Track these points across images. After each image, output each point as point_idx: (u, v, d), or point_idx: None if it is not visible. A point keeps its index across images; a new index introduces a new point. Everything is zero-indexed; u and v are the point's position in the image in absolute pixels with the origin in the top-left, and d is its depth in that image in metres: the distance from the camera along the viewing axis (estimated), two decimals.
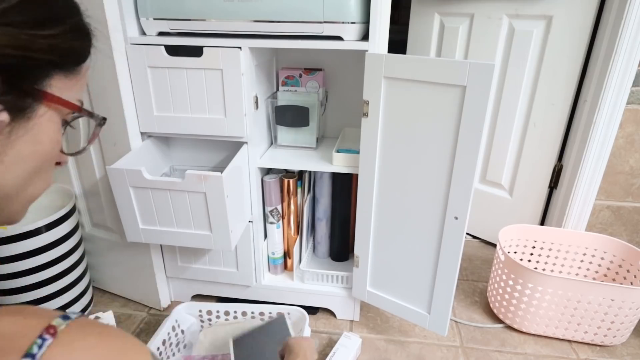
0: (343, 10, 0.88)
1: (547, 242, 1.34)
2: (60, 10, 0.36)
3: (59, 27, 0.35)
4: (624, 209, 1.39)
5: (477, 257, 1.59)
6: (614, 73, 1.19)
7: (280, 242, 1.24)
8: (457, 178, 0.90)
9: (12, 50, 0.31)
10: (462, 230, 0.93)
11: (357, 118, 1.22)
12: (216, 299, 1.32)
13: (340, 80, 1.23)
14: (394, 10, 1.15)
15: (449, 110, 0.86)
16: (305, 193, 1.22)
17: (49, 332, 0.26)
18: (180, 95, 1.00)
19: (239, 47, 0.93)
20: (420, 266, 1.03)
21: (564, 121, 1.36)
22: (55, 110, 0.37)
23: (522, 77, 1.39)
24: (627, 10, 1.12)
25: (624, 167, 1.33)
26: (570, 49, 1.28)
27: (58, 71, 0.36)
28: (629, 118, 1.26)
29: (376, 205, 1.05)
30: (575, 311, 1.14)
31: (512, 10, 1.35)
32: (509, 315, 1.23)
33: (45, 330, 0.26)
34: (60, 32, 0.35)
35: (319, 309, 1.29)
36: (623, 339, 1.18)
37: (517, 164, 1.50)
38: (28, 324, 0.26)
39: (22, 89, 0.33)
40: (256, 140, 1.07)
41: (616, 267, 1.27)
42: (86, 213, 1.27)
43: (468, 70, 0.80)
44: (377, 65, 0.90)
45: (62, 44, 0.35)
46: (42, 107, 0.35)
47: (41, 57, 0.34)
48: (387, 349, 1.17)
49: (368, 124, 0.97)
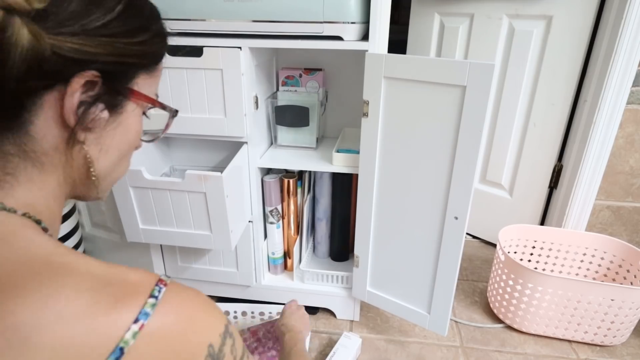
0: (343, 10, 0.88)
1: (547, 242, 1.34)
2: (148, 18, 0.41)
3: (147, 33, 0.40)
4: (624, 209, 1.39)
5: (477, 257, 1.59)
6: (614, 73, 1.19)
7: (280, 242, 1.24)
8: (457, 178, 0.90)
9: (112, 58, 0.36)
10: (462, 230, 0.93)
11: (357, 118, 1.22)
12: (216, 299, 1.32)
13: (340, 80, 1.23)
14: (394, 10, 1.15)
15: (449, 110, 0.86)
16: (305, 193, 1.22)
17: (162, 283, 0.34)
18: (180, 95, 1.00)
19: (239, 47, 0.93)
20: (420, 266, 1.03)
21: (564, 121, 1.36)
22: (139, 105, 0.43)
23: (522, 77, 1.39)
24: (627, 10, 1.12)
25: (624, 167, 1.33)
26: (570, 49, 1.28)
27: (143, 71, 0.42)
28: (629, 118, 1.26)
29: (376, 205, 1.05)
30: (575, 311, 1.14)
31: (512, 10, 1.35)
32: (509, 315, 1.23)
33: (159, 281, 0.34)
34: (148, 38, 0.40)
35: (319, 309, 1.29)
36: (623, 339, 1.18)
37: (517, 164, 1.50)
38: (147, 276, 0.34)
39: (116, 89, 0.39)
40: (256, 140, 1.07)
41: (616, 267, 1.27)
42: (86, 213, 1.27)
43: (468, 70, 0.80)
44: (377, 65, 0.90)
45: (149, 49, 0.41)
46: (130, 103, 0.41)
47: (133, 62, 0.40)
48: (387, 349, 1.17)
49: (368, 124, 0.97)
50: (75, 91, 0.35)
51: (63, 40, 0.33)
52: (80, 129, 0.37)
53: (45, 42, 0.32)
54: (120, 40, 0.37)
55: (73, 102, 0.35)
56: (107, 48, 0.36)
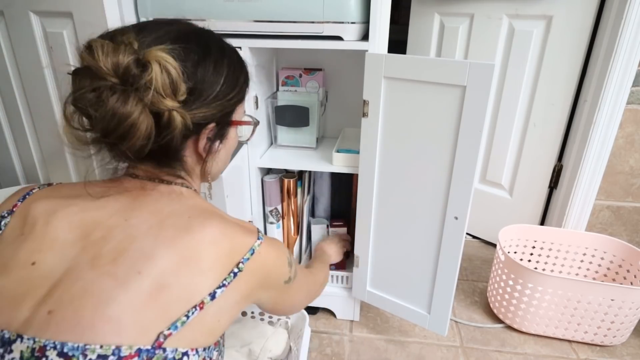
0: (343, 10, 0.88)
1: (547, 242, 1.34)
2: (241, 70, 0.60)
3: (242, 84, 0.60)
4: (624, 209, 1.39)
5: (477, 257, 1.59)
6: (614, 73, 1.19)
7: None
8: (457, 178, 0.89)
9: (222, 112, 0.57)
10: (462, 230, 0.93)
11: (357, 118, 1.21)
12: None
13: (340, 80, 1.23)
14: (394, 10, 1.15)
15: (449, 110, 0.86)
16: (305, 193, 1.22)
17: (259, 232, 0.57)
18: None
19: (239, 47, 0.93)
20: (420, 266, 1.03)
21: (564, 121, 1.36)
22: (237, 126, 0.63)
23: (522, 77, 1.39)
24: (627, 10, 1.12)
25: (624, 167, 1.33)
26: (570, 49, 1.28)
27: (239, 105, 0.61)
28: (629, 118, 1.26)
29: (376, 205, 1.05)
30: (575, 311, 1.14)
31: (512, 10, 1.35)
32: (509, 315, 1.23)
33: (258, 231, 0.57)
34: (243, 87, 0.61)
35: (319, 309, 1.29)
36: (623, 339, 1.18)
37: (517, 164, 1.50)
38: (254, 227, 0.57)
39: (225, 126, 0.60)
40: (256, 140, 1.07)
41: (616, 267, 1.27)
42: None
43: (468, 70, 0.80)
44: (377, 65, 0.90)
45: (244, 94, 0.62)
46: (232, 129, 0.62)
47: (235, 107, 0.60)
48: (387, 349, 1.17)
49: (368, 124, 0.97)
50: (203, 138, 0.57)
51: (195, 114, 0.52)
52: (208, 155, 0.59)
53: (188, 118, 0.51)
54: (227, 98, 0.56)
55: (202, 144, 0.57)
56: (218, 108, 0.55)
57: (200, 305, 0.46)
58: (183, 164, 0.58)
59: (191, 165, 0.59)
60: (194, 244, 0.49)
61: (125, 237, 0.48)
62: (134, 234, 0.48)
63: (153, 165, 0.56)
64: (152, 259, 0.46)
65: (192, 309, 0.46)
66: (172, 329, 0.44)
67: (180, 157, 0.57)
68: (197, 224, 0.51)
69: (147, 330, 0.43)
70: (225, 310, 0.50)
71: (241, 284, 0.51)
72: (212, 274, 0.49)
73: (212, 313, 0.48)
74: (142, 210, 0.52)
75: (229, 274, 0.50)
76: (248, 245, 0.53)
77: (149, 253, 0.46)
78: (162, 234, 0.49)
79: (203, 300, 0.47)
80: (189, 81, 0.50)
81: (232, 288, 0.50)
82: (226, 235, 0.52)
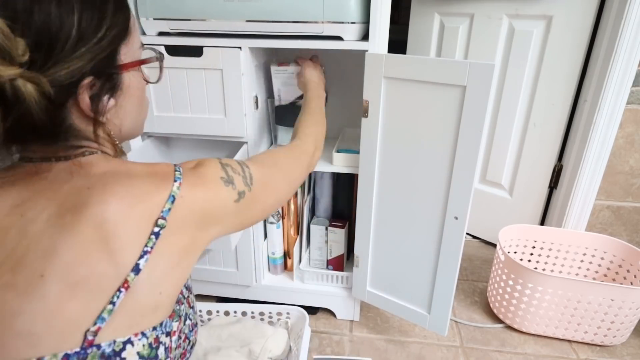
0: (343, 10, 0.88)
1: (547, 242, 1.34)
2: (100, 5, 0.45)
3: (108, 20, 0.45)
4: (624, 209, 1.39)
5: (477, 257, 1.59)
6: (614, 73, 1.19)
7: (280, 242, 1.24)
8: (457, 178, 0.89)
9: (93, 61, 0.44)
10: (462, 230, 0.93)
11: (357, 118, 1.21)
12: (216, 299, 1.32)
13: (340, 80, 1.23)
14: (394, 10, 1.14)
15: (449, 110, 0.86)
16: (305, 193, 1.22)
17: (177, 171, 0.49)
18: (180, 95, 1.00)
19: (239, 47, 0.93)
20: (420, 266, 1.03)
21: (564, 121, 1.36)
22: (132, 70, 0.50)
23: (522, 77, 1.39)
24: (627, 10, 1.12)
25: (624, 167, 1.33)
26: (570, 49, 1.28)
27: (121, 45, 0.48)
28: (629, 118, 1.26)
29: (376, 205, 1.05)
30: (575, 311, 1.14)
31: (512, 10, 1.35)
32: (509, 315, 1.23)
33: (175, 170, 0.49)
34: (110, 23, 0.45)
35: (319, 309, 1.29)
36: (623, 339, 1.18)
37: (517, 164, 1.50)
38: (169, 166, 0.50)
39: (110, 74, 0.47)
40: (256, 140, 1.07)
41: (616, 267, 1.27)
42: None
43: (468, 70, 0.80)
44: (377, 65, 0.90)
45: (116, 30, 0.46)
46: (124, 74, 0.49)
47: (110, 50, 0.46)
48: (387, 349, 1.17)
49: (368, 124, 0.97)
50: (83, 96, 0.44)
51: (53, 74, 0.41)
52: (99, 116, 0.47)
53: (44, 83, 0.40)
54: (95, 40, 0.43)
55: (85, 103, 0.45)
56: (88, 56, 0.43)
57: (124, 285, 0.41)
58: (76, 133, 0.47)
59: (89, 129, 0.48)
60: (98, 220, 0.41)
61: (23, 237, 0.41)
62: (32, 231, 0.42)
63: (39, 144, 0.46)
64: (54, 255, 0.40)
65: (116, 293, 0.40)
66: (98, 322, 0.39)
67: (66, 128, 0.46)
68: (97, 194, 0.43)
69: (70, 333, 0.39)
70: (162, 278, 0.44)
71: (171, 240, 0.45)
72: (129, 246, 0.42)
73: (145, 288, 0.42)
74: (38, 198, 0.44)
75: (149, 238, 0.43)
76: (164, 194, 0.46)
77: (50, 249, 0.40)
78: (61, 220, 0.42)
79: (126, 279, 0.41)
80: (26, 35, 0.39)
81: (158, 251, 0.44)
82: (134, 195, 0.44)
